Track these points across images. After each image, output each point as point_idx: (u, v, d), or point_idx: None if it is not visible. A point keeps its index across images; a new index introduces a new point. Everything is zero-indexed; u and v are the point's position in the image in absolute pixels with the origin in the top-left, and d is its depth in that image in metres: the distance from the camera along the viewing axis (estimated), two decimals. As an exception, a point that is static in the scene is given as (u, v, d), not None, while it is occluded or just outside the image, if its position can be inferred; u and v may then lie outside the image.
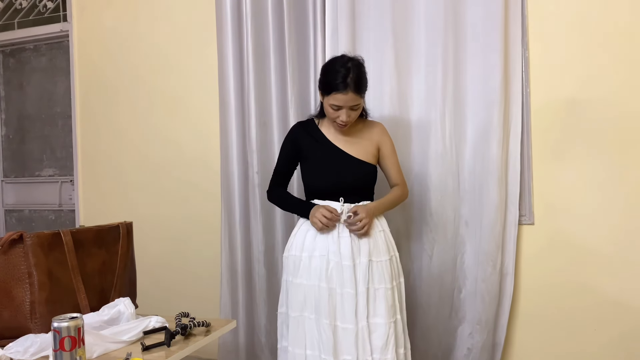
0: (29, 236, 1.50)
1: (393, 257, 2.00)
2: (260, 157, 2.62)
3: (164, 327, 1.54)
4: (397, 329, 1.92)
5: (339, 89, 1.87)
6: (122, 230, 1.78)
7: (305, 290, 1.93)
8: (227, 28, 2.66)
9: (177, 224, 3.03)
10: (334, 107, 1.91)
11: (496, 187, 2.29)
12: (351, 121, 1.96)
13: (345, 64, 1.90)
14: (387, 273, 1.92)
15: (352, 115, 1.94)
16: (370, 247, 1.92)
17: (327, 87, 1.91)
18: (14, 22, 3.53)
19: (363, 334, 1.86)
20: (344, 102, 1.89)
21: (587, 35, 2.25)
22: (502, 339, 2.37)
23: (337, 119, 1.93)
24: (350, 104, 1.90)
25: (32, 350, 1.36)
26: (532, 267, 2.36)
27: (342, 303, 1.87)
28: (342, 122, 1.93)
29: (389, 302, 1.89)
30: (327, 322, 1.87)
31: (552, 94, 2.31)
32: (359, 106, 1.94)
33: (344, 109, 1.91)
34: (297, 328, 1.94)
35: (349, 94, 1.87)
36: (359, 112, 1.97)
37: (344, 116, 1.91)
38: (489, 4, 2.29)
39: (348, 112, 1.91)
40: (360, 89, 1.91)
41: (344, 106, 1.90)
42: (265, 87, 2.63)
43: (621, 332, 2.24)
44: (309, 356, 1.91)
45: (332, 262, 1.90)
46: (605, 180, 2.24)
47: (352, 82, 1.87)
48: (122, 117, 3.18)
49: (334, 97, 1.89)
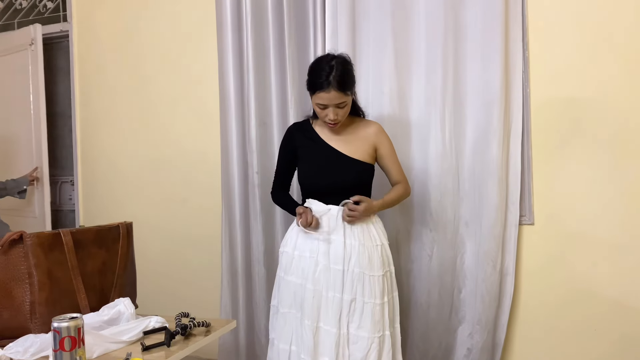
0: (29, 236, 1.50)
1: (388, 272, 2.00)
2: (260, 157, 2.62)
3: (164, 327, 1.54)
4: (383, 344, 1.90)
5: (322, 88, 1.88)
6: (122, 230, 1.78)
7: (295, 288, 1.95)
8: (227, 27, 2.66)
9: (177, 224, 3.03)
10: (320, 107, 1.93)
11: (496, 188, 2.29)
12: (340, 119, 1.96)
13: (329, 62, 1.90)
14: (378, 288, 1.92)
15: (340, 113, 1.94)
16: (365, 260, 1.91)
17: (312, 86, 1.93)
18: (14, 22, 3.53)
19: (343, 340, 1.87)
20: (328, 101, 1.89)
21: (587, 35, 2.25)
22: (502, 339, 2.37)
23: (325, 118, 1.94)
24: (335, 102, 1.90)
25: (32, 350, 1.36)
26: (532, 267, 2.36)
27: (326, 305, 1.89)
28: (330, 120, 1.94)
29: (376, 317, 1.89)
30: (308, 323, 1.89)
31: (552, 94, 2.31)
32: (346, 104, 1.94)
33: (330, 108, 1.91)
34: (284, 324, 1.97)
35: (332, 92, 1.87)
36: (347, 109, 1.97)
37: (331, 114, 1.92)
38: (489, 4, 2.28)
39: (335, 111, 1.91)
40: (344, 87, 1.90)
41: (329, 104, 1.90)
42: (265, 87, 2.63)
43: (621, 332, 2.24)
44: (293, 352, 1.93)
45: (320, 264, 1.91)
46: (606, 180, 2.24)
47: (335, 80, 1.87)
48: (122, 117, 3.18)
49: (318, 96, 1.90)
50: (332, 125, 1.96)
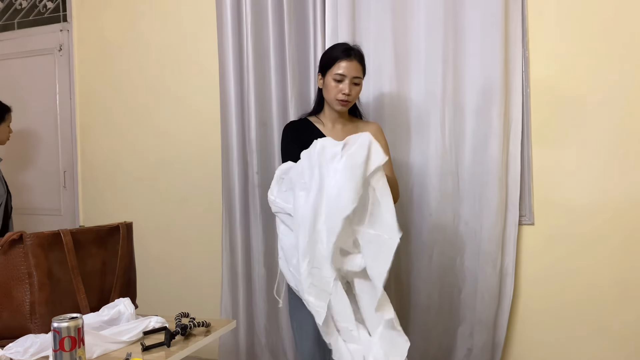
0: (29, 236, 1.50)
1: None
2: (260, 157, 2.62)
3: (164, 327, 1.54)
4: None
5: (345, 57, 1.92)
6: (122, 230, 1.78)
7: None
8: (227, 28, 2.66)
9: (177, 224, 3.03)
10: (337, 78, 1.92)
11: (496, 188, 2.29)
12: (353, 98, 1.95)
13: (347, 44, 1.98)
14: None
15: (354, 91, 1.94)
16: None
17: (331, 60, 1.94)
18: (14, 22, 3.53)
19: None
20: (348, 71, 1.90)
21: (587, 35, 2.25)
22: (502, 339, 2.37)
23: (339, 93, 1.92)
24: (354, 74, 1.92)
25: (32, 350, 1.36)
26: (532, 267, 2.36)
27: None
28: (344, 94, 1.92)
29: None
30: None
31: (552, 94, 2.31)
32: (360, 82, 1.95)
33: (347, 80, 1.91)
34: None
35: (354, 62, 1.92)
36: (359, 91, 1.97)
37: (347, 87, 1.91)
38: (489, 4, 2.29)
39: (350, 85, 1.92)
40: (363, 62, 1.96)
41: (347, 75, 1.91)
42: (265, 87, 2.63)
43: (622, 332, 2.24)
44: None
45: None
46: (606, 181, 2.24)
47: (356, 53, 1.95)
48: (122, 117, 3.18)
49: (339, 65, 1.91)
50: (344, 103, 1.94)
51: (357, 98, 2.00)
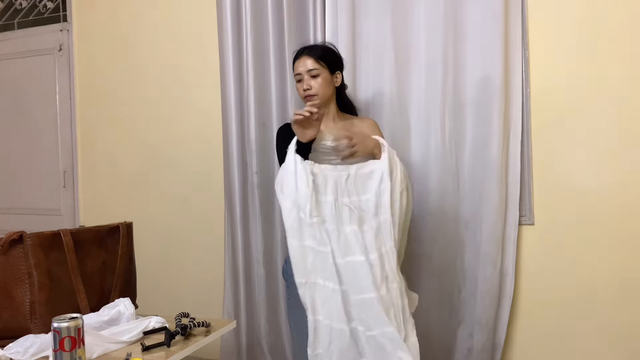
0: (29, 236, 1.50)
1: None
2: (260, 157, 2.62)
3: (164, 327, 1.54)
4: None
5: (295, 58, 1.97)
6: (122, 230, 1.78)
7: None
8: (227, 28, 2.65)
9: (177, 224, 3.03)
10: (297, 79, 1.97)
11: (496, 188, 2.29)
12: (315, 92, 1.91)
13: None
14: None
15: (313, 85, 1.92)
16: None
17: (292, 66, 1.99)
18: (14, 22, 3.53)
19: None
20: (301, 68, 1.94)
21: (587, 35, 2.25)
22: (502, 339, 2.37)
23: (301, 91, 1.95)
24: (309, 67, 1.92)
25: (32, 350, 1.36)
26: (532, 267, 2.36)
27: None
28: (304, 90, 1.93)
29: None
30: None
31: (552, 94, 2.31)
32: (319, 74, 1.93)
33: (304, 77, 1.93)
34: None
35: (303, 57, 1.94)
36: (323, 83, 1.93)
37: (304, 83, 1.93)
38: (489, 4, 2.28)
39: (307, 81, 1.93)
40: (315, 53, 1.94)
41: (302, 72, 1.94)
42: (265, 88, 2.63)
43: (622, 332, 2.24)
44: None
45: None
46: (606, 181, 2.24)
47: (308, 49, 1.97)
48: (122, 117, 3.18)
49: (294, 67, 1.97)
50: (308, 98, 1.92)
51: (324, 88, 1.94)
